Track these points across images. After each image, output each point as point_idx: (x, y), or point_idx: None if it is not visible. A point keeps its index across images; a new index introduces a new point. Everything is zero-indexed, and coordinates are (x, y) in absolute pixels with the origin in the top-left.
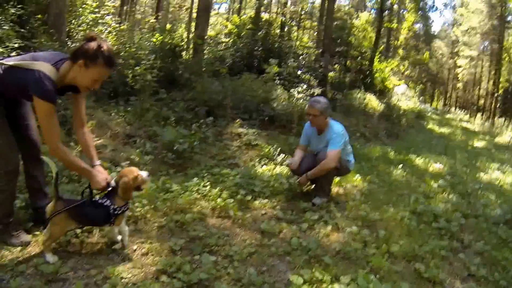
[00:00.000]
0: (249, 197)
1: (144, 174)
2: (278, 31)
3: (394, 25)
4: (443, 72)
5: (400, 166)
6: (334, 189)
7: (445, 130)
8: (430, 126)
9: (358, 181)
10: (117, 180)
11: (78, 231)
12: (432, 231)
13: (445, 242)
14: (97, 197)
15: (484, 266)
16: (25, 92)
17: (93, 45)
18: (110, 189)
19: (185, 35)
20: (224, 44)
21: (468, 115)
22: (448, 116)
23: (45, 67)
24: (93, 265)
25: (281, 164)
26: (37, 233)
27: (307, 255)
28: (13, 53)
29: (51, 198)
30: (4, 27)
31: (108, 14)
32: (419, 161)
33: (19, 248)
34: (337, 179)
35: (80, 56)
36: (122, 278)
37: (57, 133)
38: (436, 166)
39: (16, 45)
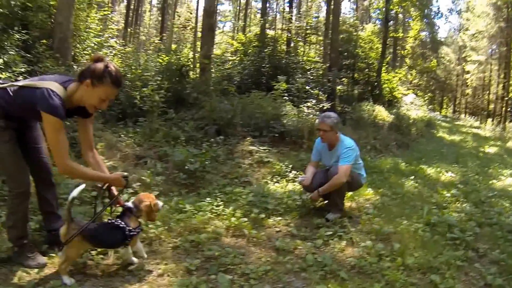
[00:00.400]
0: (262, 215)
1: (160, 204)
2: (284, 47)
3: (400, 34)
4: (451, 78)
5: (412, 177)
6: (347, 204)
7: (455, 137)
8: (440, 134)
9: (370, 194)
10: (136, 203)
11: (94, 253)
12: (447, 242)
13: (460, 252)
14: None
15: (501, 275)
16: (34, 110)
17: (100, 65)
18: (125, 208)
19: (191, 54)
20: (231, 62)
21: (478, 121)
22: (458, 123)
23: (53, 85)
24: (110, 287)
25: (294, 181)
26: (53, 255)
27: (322, 271)
28: (20, 78)
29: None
30: (10, 52)
31: (112, 37)
32: (430, 171)
33: (36, 270)
34: (349, 193)
35: (87, 75)
36: None
37: (65, 149)
38: (448, 175)
39: (22, 70)
